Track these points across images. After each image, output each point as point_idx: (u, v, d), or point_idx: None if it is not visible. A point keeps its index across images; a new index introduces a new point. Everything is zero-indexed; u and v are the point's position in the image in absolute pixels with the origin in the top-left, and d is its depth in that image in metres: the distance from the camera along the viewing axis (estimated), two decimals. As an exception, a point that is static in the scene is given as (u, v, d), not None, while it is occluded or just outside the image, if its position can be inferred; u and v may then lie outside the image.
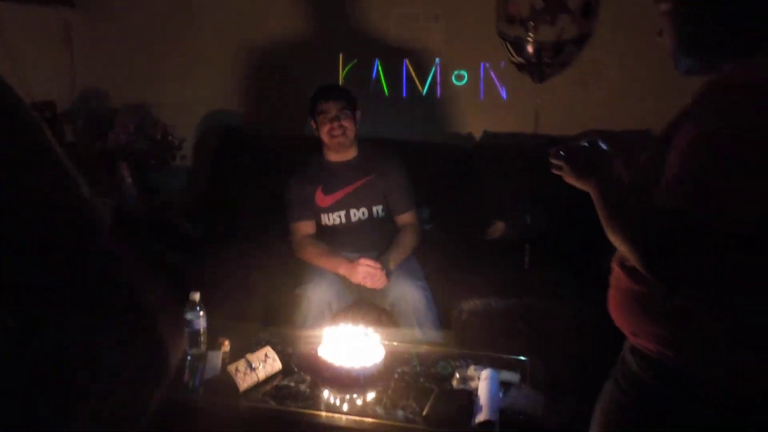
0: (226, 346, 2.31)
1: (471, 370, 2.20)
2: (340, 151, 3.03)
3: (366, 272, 2.77)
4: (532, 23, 2.55)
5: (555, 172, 1.42)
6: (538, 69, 2.68)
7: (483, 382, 2.08)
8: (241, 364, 2.11)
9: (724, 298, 1.17)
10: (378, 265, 2.78)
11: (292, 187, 3.06)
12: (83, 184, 0.81)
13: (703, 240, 1.09)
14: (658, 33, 1.28)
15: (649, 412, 1.25)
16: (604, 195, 1.28)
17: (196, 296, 2.29)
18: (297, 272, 2.94)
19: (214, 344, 2.30)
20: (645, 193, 1.20)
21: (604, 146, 1.36)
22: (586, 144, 1.38)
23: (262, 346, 2.26)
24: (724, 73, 1.19)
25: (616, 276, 1.34)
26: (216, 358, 2.22)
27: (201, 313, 2.29)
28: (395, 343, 2.44)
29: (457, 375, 2.18)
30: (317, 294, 2.79)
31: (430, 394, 2.07)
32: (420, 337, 2.70)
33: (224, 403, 2.04)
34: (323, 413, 2.00)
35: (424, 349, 2.44)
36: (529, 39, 2.57)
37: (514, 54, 2.71)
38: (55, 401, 0.72)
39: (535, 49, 2.59)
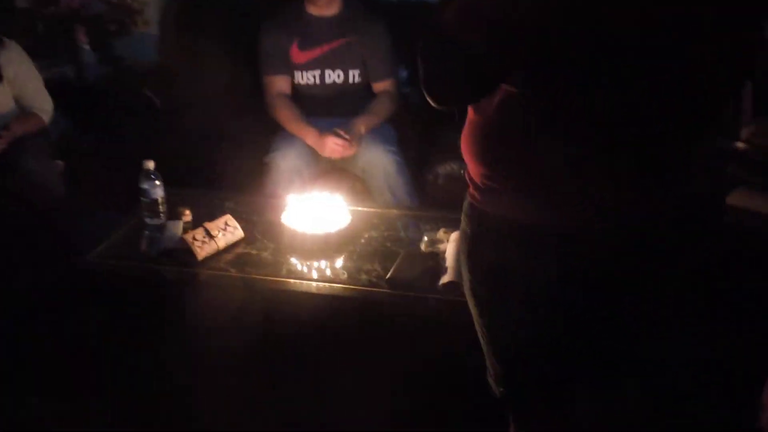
0: (188, 215, 2.22)
1: (441, 233, 2.12)
2: (319, 4, 2.80)
3: (333, 147, 2.65)
4: None
5: None
6: None
7: (451, 244, 2.01)
8: (199, 233, 2.04)
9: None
10: (345, 140, 2.65)
11: (266, 35, 2.84)
12: None
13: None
14: None
15: (478, 259, 1.26)
16: None
17: (150, 164, 2.17)
18: (265, 140, 2.80)
19: (174, 214, 2.22)
20: None
21: None
22: None
23: (225, 213, 2.17)
24: None
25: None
26: (175, 228, 2.14)
27: (157, 182, 2.18)
28: (364, 209, 2.36)
29: (426, 238, 2.11)
30: (286, 161, 2.68)
31: (396, 258, 2.00)
32: (391, 203, 2.61)
33: (182, 271, 1.98)
34: (286, 279, 1.95)
35: (393, 213, 2.36)
36: None
37: None
38: None
39: None
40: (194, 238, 2.01)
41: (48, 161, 2.79)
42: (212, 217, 2.18)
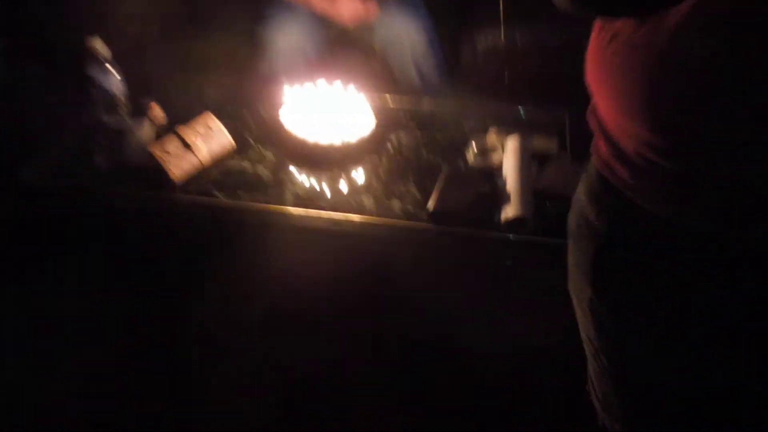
0: (158, 112, 1.68)
1: (492, 137, 1.60)
2: None
3: (351, 6, 2.03)
4: None
5: None
6: None
7: (510, 156, 1.50)
8: (172, 142, 1.51)
9: None
10: None
11: None
12: None
13: None
14: None
15: (612, 272, 0.78)
16: None
17: (97, 43, 1.59)
18: (257, 8, 2.18)
19: (138, 111, 1.68)
20: None
21: None
22: None
23: (204, 112, 1.64)
24: None
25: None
26: (140, 131, 1.60)
27: (109, 66, 1.62)
28: (388, 99, 1.82)
29: (474, 145, 1.59)
30: (286, 36, 2.09)
31: (436, 174, 1.50)
32: (420, 88, 2.05)
33: (153, 197, 1.47)
34: (291, 209, 1.45)
35: (426, 106, 1.81)
36: None
37: None
38: None
39: None
40: (165, 151, 1.49)
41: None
42: (189, 114, 1.66)
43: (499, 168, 1.50)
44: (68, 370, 1.53)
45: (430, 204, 1.41)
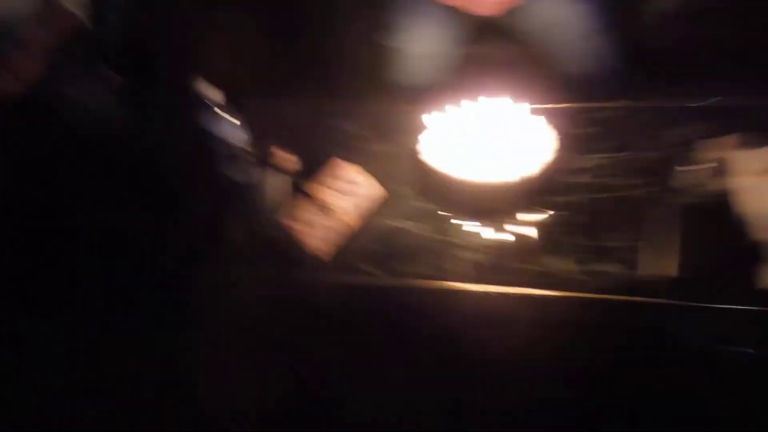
0: (284, 158, 1.41)
1: (719, 151, 1.19)
2: None
3: None
4: None
5: None
6: None
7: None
8: (305, 207, 1.23)
9: None
10: None
11: None
12: None
13: None
14: None
15: None
16: None
17: (214, 93, 1.35)
18: (377, 13, 1.84)
19: (261, 164, 1.42)
20: None
21: None
22: None
23: (344, 158, 1.34)
24: None
25: None
26: (271, 192, 1.34)
27: (230, 117, 1.37)
28: (557, 112, 1.43)
29: (691, 167, 1.19)
30: (420, 40, 1.75)
31: (640, 220, 1.11)
32: (594, 80, 1.64)
33: (278, 279, 1.20)
34: (464, 286, 1.12)
35: (609, 113, 1.40)
36: None
37: None
38: None
39: None
40: (299, 219, 1.21)
41: (96, 76, 2.04)
42: (315, 156, 1.37)
43: (740, 200, 1.09)
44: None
45: (648, 267, 1.03)
